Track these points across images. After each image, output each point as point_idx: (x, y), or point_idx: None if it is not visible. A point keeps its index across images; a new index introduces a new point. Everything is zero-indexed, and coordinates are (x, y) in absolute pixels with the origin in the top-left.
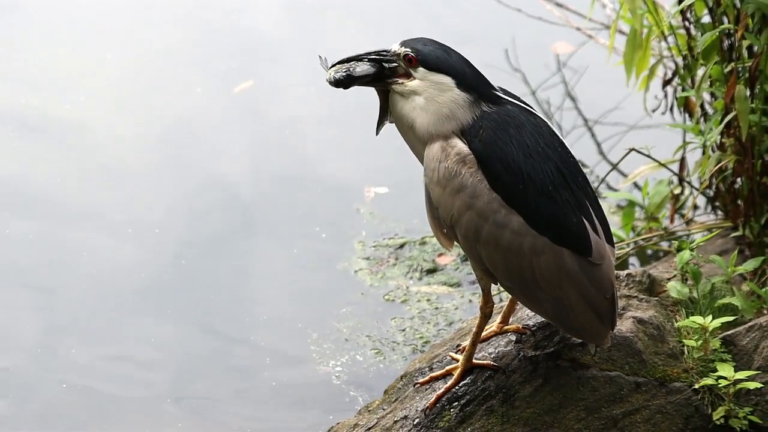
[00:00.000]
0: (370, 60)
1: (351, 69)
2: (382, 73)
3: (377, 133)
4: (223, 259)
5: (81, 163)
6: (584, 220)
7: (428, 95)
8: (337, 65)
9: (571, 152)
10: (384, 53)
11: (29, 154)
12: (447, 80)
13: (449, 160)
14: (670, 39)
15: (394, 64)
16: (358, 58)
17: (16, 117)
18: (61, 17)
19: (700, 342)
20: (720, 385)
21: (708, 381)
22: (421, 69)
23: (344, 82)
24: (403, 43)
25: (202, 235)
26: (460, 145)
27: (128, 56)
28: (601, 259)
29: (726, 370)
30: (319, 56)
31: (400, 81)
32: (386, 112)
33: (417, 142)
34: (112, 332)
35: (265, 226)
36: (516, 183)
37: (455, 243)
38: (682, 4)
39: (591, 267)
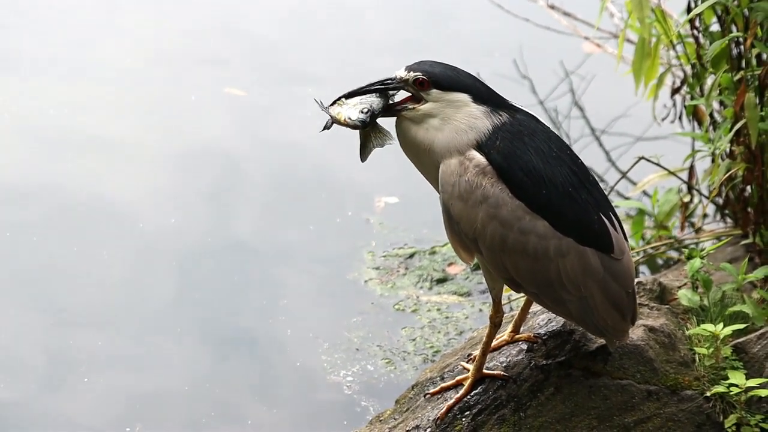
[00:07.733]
0: (375, 91)
1: (371, 106)
2: (389, 103)
3: (364, 161)
4: (233, 269)
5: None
6: (603, 217)
7: (444, 115)
8: (344, 103)
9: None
10: (388, 81)
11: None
12: (462, 97)
13: (469, 173)
14: (679, 47)
15: (397, 91)
16: (361, 92)
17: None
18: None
19: (711, 350)
20: (731, 393)
21: (719, 389)
22: (434, 91)
23: (369, 122)
24: (410, 68)
25: (210, 246)
26: (478, 158)
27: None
28: (622, 254)
29: (737, 378)
30: (315, 100)
31: (410, 106)
32: (368, 140)
33: (432, 164)
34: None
35: (275, 236)
36: (539, 188)
37: (475, 257)
38: (692, 13)
39: (613, 263)
